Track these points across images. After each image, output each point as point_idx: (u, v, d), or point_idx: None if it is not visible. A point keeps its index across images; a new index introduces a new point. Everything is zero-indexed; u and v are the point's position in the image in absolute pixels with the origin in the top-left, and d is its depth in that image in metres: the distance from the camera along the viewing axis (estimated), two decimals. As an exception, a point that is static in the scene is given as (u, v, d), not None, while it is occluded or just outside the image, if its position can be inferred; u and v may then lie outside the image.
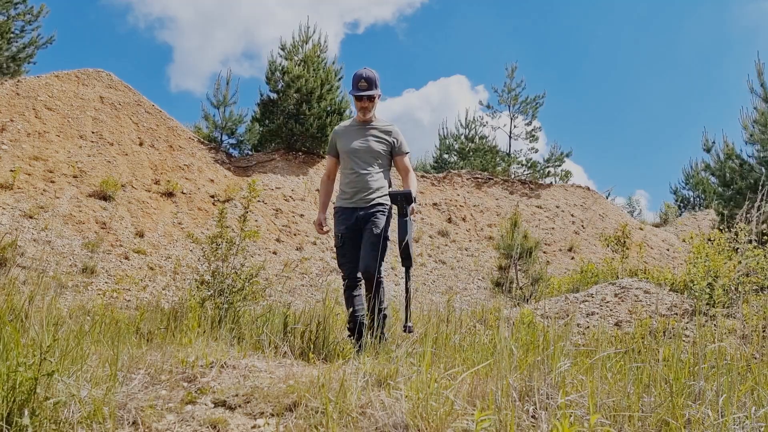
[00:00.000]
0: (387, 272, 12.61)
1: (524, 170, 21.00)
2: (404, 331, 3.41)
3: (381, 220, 3.59)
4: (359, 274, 3.54)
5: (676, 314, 5.60)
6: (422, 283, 12.38)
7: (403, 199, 3.46)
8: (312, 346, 3.34)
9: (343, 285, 3.70)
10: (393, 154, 3.79)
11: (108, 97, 14.30)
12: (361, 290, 3.60)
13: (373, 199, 3.64)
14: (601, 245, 13.55)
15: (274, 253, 12.00)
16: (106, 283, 8.83)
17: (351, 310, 3.62)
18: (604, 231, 16.06)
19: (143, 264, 9.87)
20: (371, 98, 3.76)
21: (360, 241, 3.58)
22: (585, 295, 6.99)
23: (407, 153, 3.84)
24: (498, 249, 11.04)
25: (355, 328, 3.61)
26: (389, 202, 3.67)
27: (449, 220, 16.18)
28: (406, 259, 3.43)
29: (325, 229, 3.83)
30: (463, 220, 16.42)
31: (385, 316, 3.48)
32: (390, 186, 3.79)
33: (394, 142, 3.77)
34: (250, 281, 3.96)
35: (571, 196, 19.06)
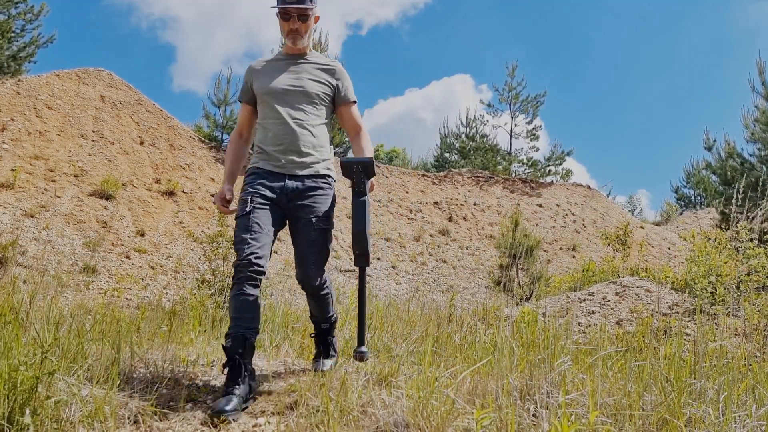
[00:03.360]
0: (383, 273, 12.62)
1: (525, 169, 20.99)
2: (355, 357, 2.39)
3: (324, 205, 2.52)
4: (262, 263, 2.36)
5: (677, 313, 5.60)
6: (423, 282, 12.38)
7: (361, 171, 2.43)
8: (313, 345, 3.34)
9: (233, 276, 2.41)
10: (336, 103, 2.68)
11: (109, 97, 14.30)
12: (257, 291, 2.39)
13: (311, 165, 2.53)
14: (602, 244, 13.55)
15: (275, 251, 12.01)
16: (107, 282, 8.84)
17: (235, 318, 2.32)
18: (605, 230, 16.06)
19: (144, 263, 9.87)
20: (304, 16, 2.57)
21: (278, 219, 2.50)
22: (586, 293, 6.99)
23: (355, 102, 2.71)
24: (499, 248, 11.04)
25: (234, 351, 2.24)
26: (333, 173, 2.65)
27: (450, 219, 16.17)
28: (361, 255, 2.42)
29: (232, 207, 2.63)
30: (464, 218, 16.41)
31: (331, 337, 2.74)
32: (331, 144, 2.73)
33: (338, 85, 2.65)
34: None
35: (572, 195, 19.04)
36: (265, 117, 2.59)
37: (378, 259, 13.13)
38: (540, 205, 18.04)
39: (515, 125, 21.47)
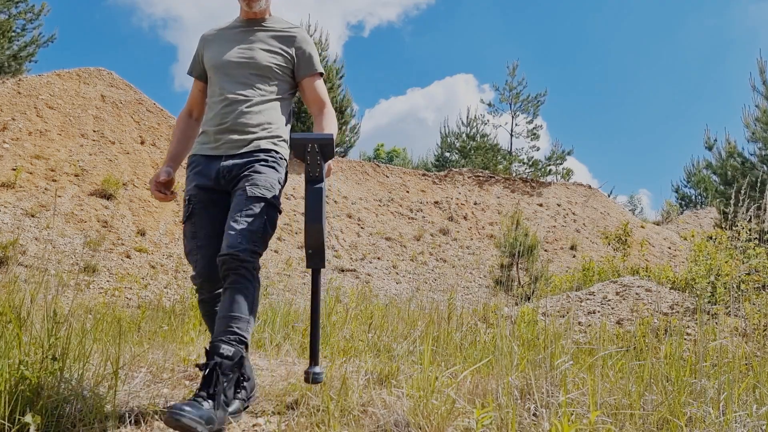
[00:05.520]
0: (383, 272, 12.63)
1: (526, 168, 20.99)
2: (306, 380, 1.92)
3: (265, 175, 2.10)
4: (223, 255, 1.95)
5: (678, 312, 5.60)
6: (423, 282, 12.38)
7: (315, 151, 1.94)
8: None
9: (196, 293, 2.20)
10: (296, 75, 2.30)
11: (109, 96, 14.31)
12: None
13: (251, 141, 2.15)
14: (603, 243, 13.54)
15: (276, 251, 12.01)
16: (107, 281, 8.85)
17: (210, 329, 2.17)
18: (605, 229, 16.05)
19: (145, 262, 9.88)
20: None
21: (224, 212, 2.12)
22: (586, 293, 6.99)
23: (320, 74, 2.32)
24: (499, 247, 11.04)
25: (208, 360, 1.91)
26: (284, 151, 2.24)
27: (450, 219, 16.17)
28: (315, 255, 1.99)
29: (169, 193, 2.24)
30: (465, 218, 16.41)
31: (242, 350, 1.91)
32: (289, 123, 2.32)
33: (298, 54, 2.28)
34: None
35: (572, 194, 19.04)
36: (210, 95, 2.27)
37: (378, 258, 13.13)
38: (540, 205, 18.03)
39: (516, 125, 21.48)
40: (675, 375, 2.20)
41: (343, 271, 12.05)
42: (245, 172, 2.09)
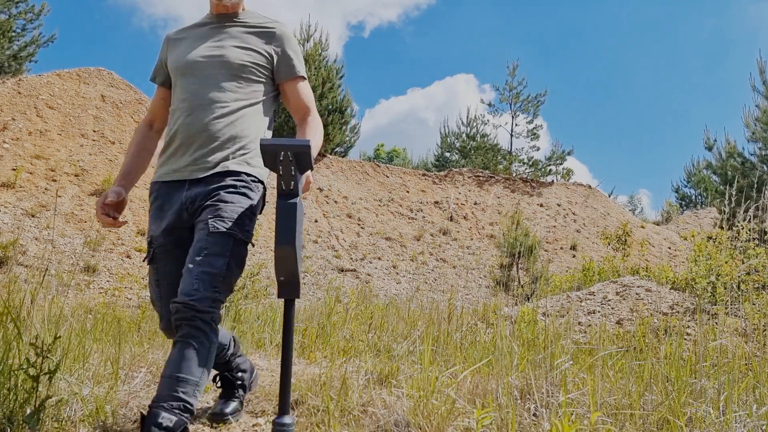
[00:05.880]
0: (383, 272, 12.63)
1: (526, 168, 20.99)
2: None
3: (230, 205, 1.77)
4: (177, 303, 1.67)
5: (678, 312, 5.60)
6: (423, 282, 12.38)
7: (289, 160, 1.64)
8: (313, 345, 3.34)
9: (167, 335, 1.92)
10: (276, 78, 1.98)
11: (109, 96, 14.31)
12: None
13: (218, 161, 1.82)
14: (603, 243, 13.55)
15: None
16: (107, 281, 8.85)
17: None
18: (605, 229, 16.05)
19: (145, 262, 9.87)
20: None
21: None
22: (586, 293, 6.99)
23: (303, 78, 2.00)
24: (499, 247, 11.04)
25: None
26: (259, 171, 1.89)
27: (450, 219, 16.17)
28: (288, 284, 1.70)
29: (120, 217, 1.95)
30: (465, 218, 16.41)
31: (186, 420, 1.59)
32: (269, 132, 2.01)
33: (278, 53, 1.95)
34: (252, 280, 3.96)
35: (572, 194, 19.04)
36: (173, 102, 1.93)
37: (378, 258, 13.13)
38: (541, 205, 18.03)
39: (516, 125, 21.48)
40: (675, 375, 2.20)
41: (343, 271, 12.05)
42: (208, 202, 1.77)
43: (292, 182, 1.67)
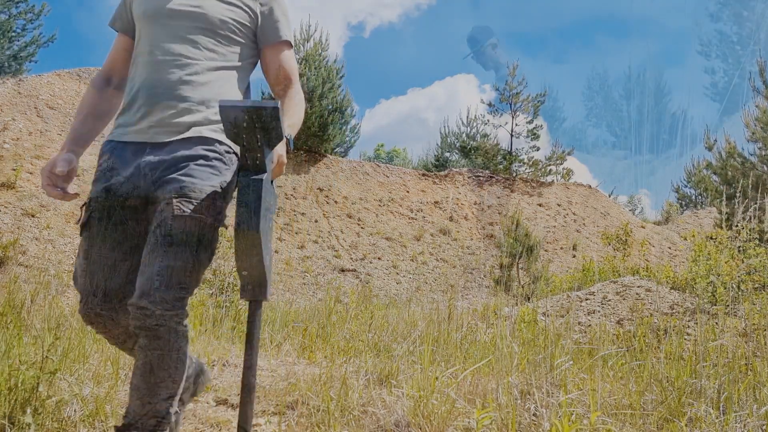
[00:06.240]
0: (383, 272, 12.64)
1: (526, 168, 21.00)
2: None
3: (198, 181, 1.49)
4: (132, 306, 1.40)
5: (678, 312, 5.60)
6: (424, 282, 12.39)
7: (254, 127, 1.36)
8: (313, 345, 3.35)
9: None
10: (259, 41, 1.73)
11: (109, 96, 14.33)
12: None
13: (189, 125, 1.56)
14: (603, 243, 13.55)
15: (276, 251, 12.01)
16: (107, 281, 8.85)
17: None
18: (605, 229, 16.06)
19: (145, 262, 9.88)
20: None
21: (135, 227, 1.55)
22: (586, 293, 6.99)
23: (290, 44, 1.75)
24: (499, 247, 11.04)
25: None
26: (232, 144, 1.61)
27: (450, 219, 16.18)
28: (254, 280, 1.44)
29: (70, 188, 1.62)
30: (465, 218, 16.42)
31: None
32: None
33: (264, 13, 1.71)
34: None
35: (572, 195, 19.05)
36: (137, 54, 1.65)
37: (378, 258, 13.14)
38: (540, 205, 18.04)
39: (516, 125, 21.48)
40: (675, 375, 2.20)
41: (343, 271, 12.05)
42: (174, 175, 1.48)
43: (258, 156, 1.39)
